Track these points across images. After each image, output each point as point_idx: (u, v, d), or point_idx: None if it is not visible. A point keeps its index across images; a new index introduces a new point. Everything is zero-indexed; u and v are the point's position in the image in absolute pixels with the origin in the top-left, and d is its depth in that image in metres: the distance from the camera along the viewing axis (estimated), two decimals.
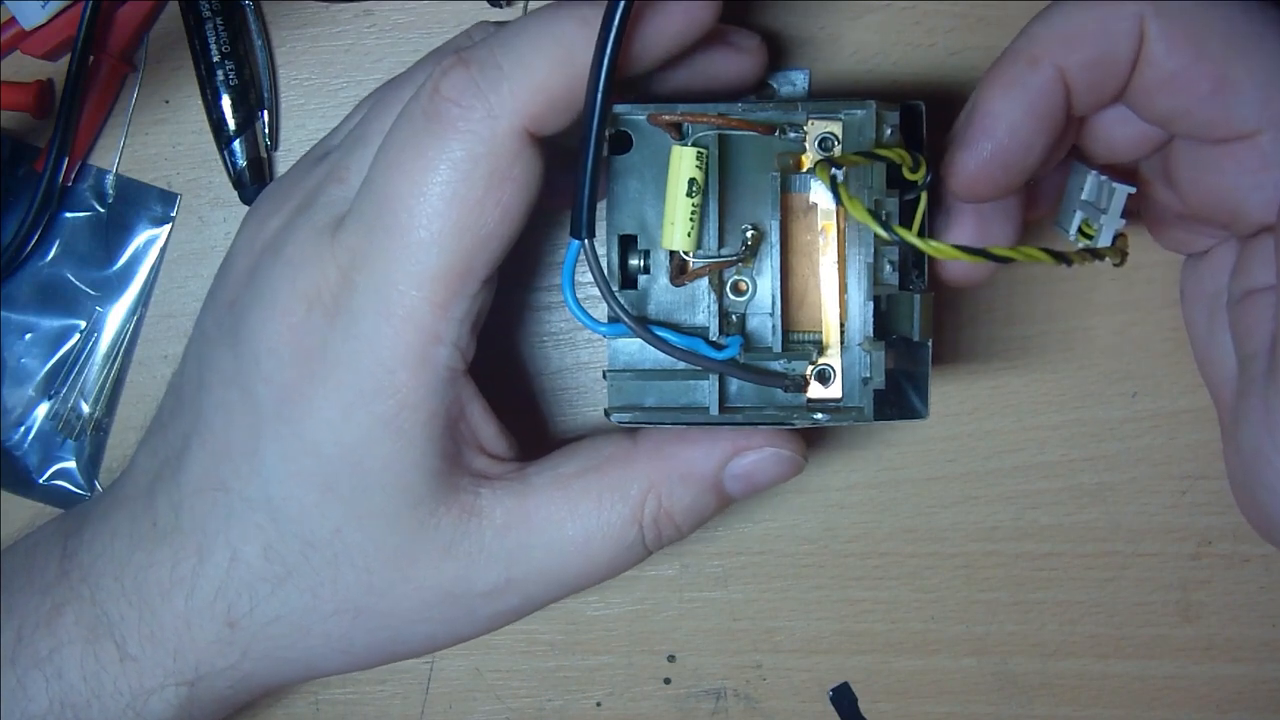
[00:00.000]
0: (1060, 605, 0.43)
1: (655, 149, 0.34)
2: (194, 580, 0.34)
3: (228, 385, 0.34)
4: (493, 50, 0.31)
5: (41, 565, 0.36)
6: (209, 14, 0.41)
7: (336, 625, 0.35)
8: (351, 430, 0.32)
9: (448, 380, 0.33)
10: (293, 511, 0.33)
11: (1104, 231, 0.34)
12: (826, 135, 0.34)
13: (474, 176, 0.31)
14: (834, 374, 0.34)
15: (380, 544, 0.34)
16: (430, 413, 0.33)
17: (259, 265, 0.34)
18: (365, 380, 0.32)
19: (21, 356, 0.43)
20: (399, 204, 0.31)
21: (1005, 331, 0.42)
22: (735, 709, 0.44)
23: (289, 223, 0.34)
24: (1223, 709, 0.43)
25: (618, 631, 0.44)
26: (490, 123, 0.31)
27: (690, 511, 0.35)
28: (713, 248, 0.34)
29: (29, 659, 0.35)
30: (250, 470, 0.33)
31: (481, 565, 0.34)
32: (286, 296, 0.33)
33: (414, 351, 0.32)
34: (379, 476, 0.33)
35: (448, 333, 0.32)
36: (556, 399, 0.43)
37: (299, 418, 0.33)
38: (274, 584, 0.34)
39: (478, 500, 0.34)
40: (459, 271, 0.32)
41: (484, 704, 0.44)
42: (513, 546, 0.34)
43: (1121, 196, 0.33)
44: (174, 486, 0.35)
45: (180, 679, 0.35)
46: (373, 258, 0.32)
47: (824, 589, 0.44)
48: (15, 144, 0.42)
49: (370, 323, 0.32)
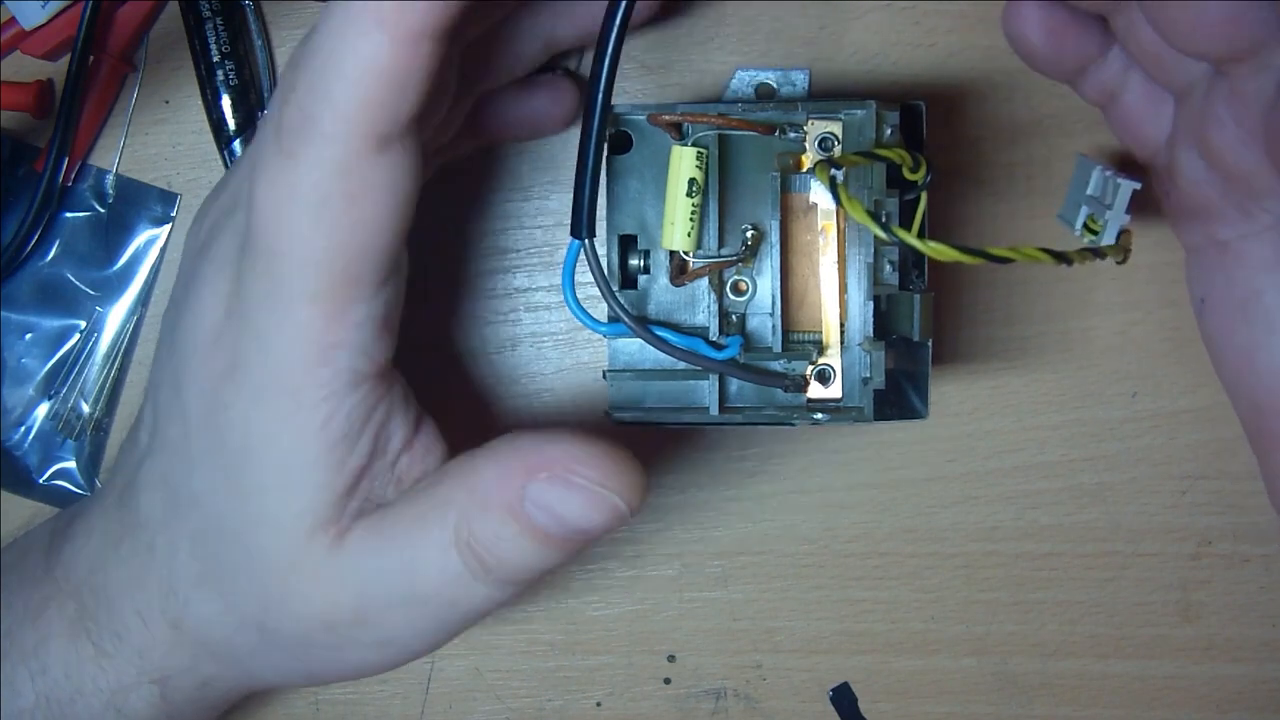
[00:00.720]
0: (1060, 605, 0.43)
1: (655, 149, 0.34)
2: (143, 577, 0.34)
3: (168, 385, 0.34)
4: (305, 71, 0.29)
5: (32, 561, 0.37)
6: (209, 14, 0.41)
7: (247, 639, 0.34)
8: (256, 426, 0.32)
9: (351, 382, 0.31)
10: (210, 508, 0.33)
11: (1109, 227, 0.34)
12: (826, 135, 0.34)
13: (330, 199, 0.30)
14: (834, 374, 0.34)
15: (271, 554, 0.32)
16: (328, 413, 0.31)
17: (195, 267, 0.34)
18: (268, 378, 0.31)
19: (21, 356, 0.43)
20: (270, 234, 0.30)
21: (1005, 331, 0.42)
22: (735, 709, 0.44)
23: (217, 224, 0.34)
24: (1223, 709, 0.43)
25: (618, 631, 0.44)
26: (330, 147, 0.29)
27: (499, 545, 0.31)
28: (713, 248, 0.34)
29: (16, 654, 0.35)
30: (183, 467, 0.33)
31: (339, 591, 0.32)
32: (208, 298, 0.32)
33: (311, 354, 0.31)
34: (275, 477, 0.32)
35: (345, 338, 0.31)
36: (556, 399, 0.43)
37: (216, 415, 0.32)
38: (195, 584, 0.33)
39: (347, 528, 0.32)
40: (344, 283, 0.30)
41: (484, 704, 0.44)
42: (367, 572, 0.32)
43: (1127, 192, 0.33)
44: (134, 485, 0.35)
45: (150, 677, 0.35)
46: (261, 277, 0.31)
47: (824, 589, 0.44)
48: (15, 144, 0.42)
49: (270, 325, 0.31)
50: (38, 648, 0.35)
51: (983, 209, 0.41)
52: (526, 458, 0.30)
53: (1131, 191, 0.33)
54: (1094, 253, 0.31)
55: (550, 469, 0.30)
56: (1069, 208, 0.36)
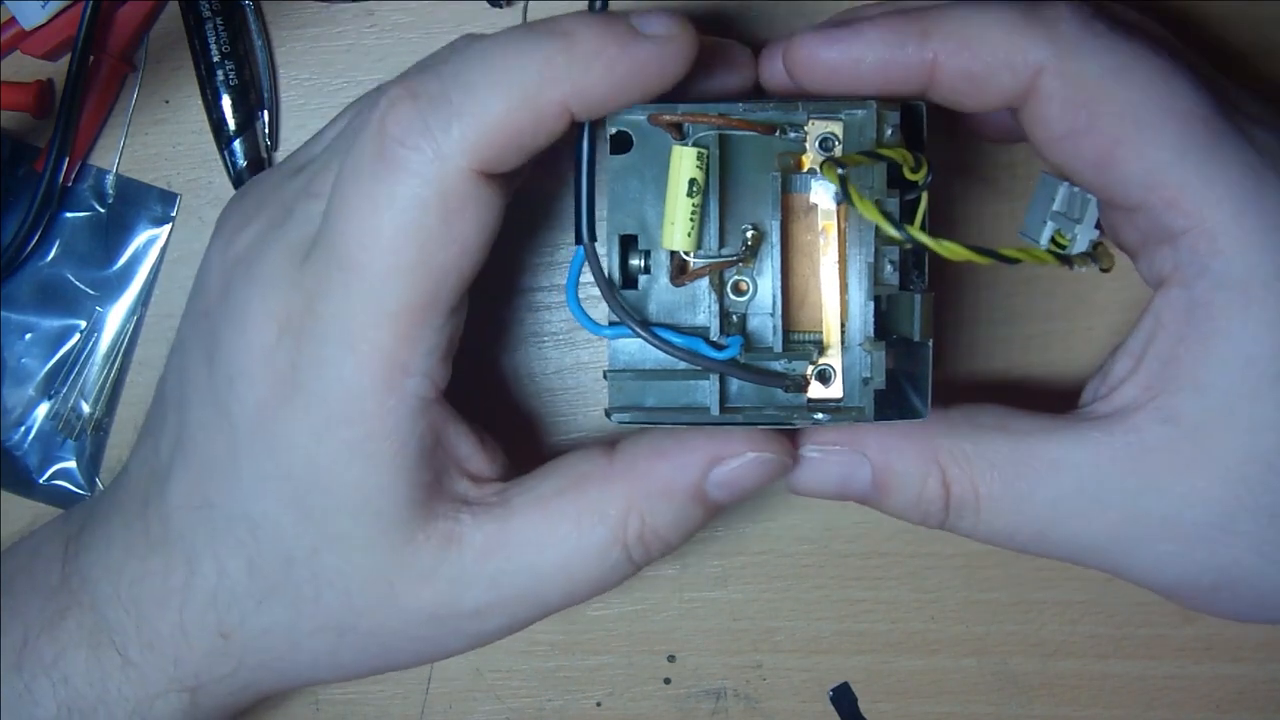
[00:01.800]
0: (1060, 605, 0.43)
1: (656, 149, 0.34)
2: (186, 592, 0.34)
3: (205, 403, 0.34)
4: (444, 83, 0.30)
5: (44, 569, 0.36)
6: (209, 14, 0.41)
7: (323, 642, 0.34)
8: (322, 455, 0.32)
9: (418, 409, 0.32)
10: (271, 530, 0.33)
11: (1079, 241, 0.34)
12: (827, 135, 0.34)
13: (425, 219, 0.30)
14: (834, 374, 0.34)
15: (357, 567, 0.33)
16: (401, 441, 0.32)
17: (232, 279, 0.33)
18: (334, 407, 0.32)
19: (21, 356, 0.43)
20: (354, 243, 0.31)
21: (1005, 331, 0.42)
22: (735, 709, 0.44)
23: (262, 238, 0.33)
24: (1223, 709, 0.43)
25: (618, 631, 0.44)
26: (438, 165, 0.30)
27: (676, 526, 0.34)
28: (713, 248, 0.34)
29: (35, 664, 0.35)
30: (230, 487, 0.33)
31: (464, 589, 0.34)
32: (258, 317, 0.32)
33: (381, 381, 0.31)
34: (350, 501, 0.32)
35: (415, 364, 0.32)
36: (556, 399, 0.43)
37: (272, 439, 0.32)
38: (259, 599, 0.34)
39: (457, 526, 0.33)
40: (421, 306, 0.31)
41: (484, 704, 0.44)
42: (494, 571, 0.34)
43: (1094, 206, 0.34)
44: (162, 499, 0.35)
45: (181, 685, 0.35)
46: (335, 292, 0.31)
47: (824, 589, 0.44)
48: (15, 144, 0.42)
49: (336, 351, 0.31)
50: (58, 659, 0.35)
51: (983, 209, 0.41)
52: (709, 448, 0.34)
53: (1098, 205, 0.34)
54: (1092, 259, 0.32)
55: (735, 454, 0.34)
56: (1033, 225, 0.37)
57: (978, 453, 0.34)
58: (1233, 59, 0.41)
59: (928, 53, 0.32)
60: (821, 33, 0.33)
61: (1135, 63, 0.31)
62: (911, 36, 0.32)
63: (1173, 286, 0.33)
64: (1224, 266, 0.31)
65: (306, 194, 0.33)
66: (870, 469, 0.35)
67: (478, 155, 0.30)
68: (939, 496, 0.34)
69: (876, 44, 0.32)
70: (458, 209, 0.30)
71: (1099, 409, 0.34)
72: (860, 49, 0.32)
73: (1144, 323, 0.34)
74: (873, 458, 0.35)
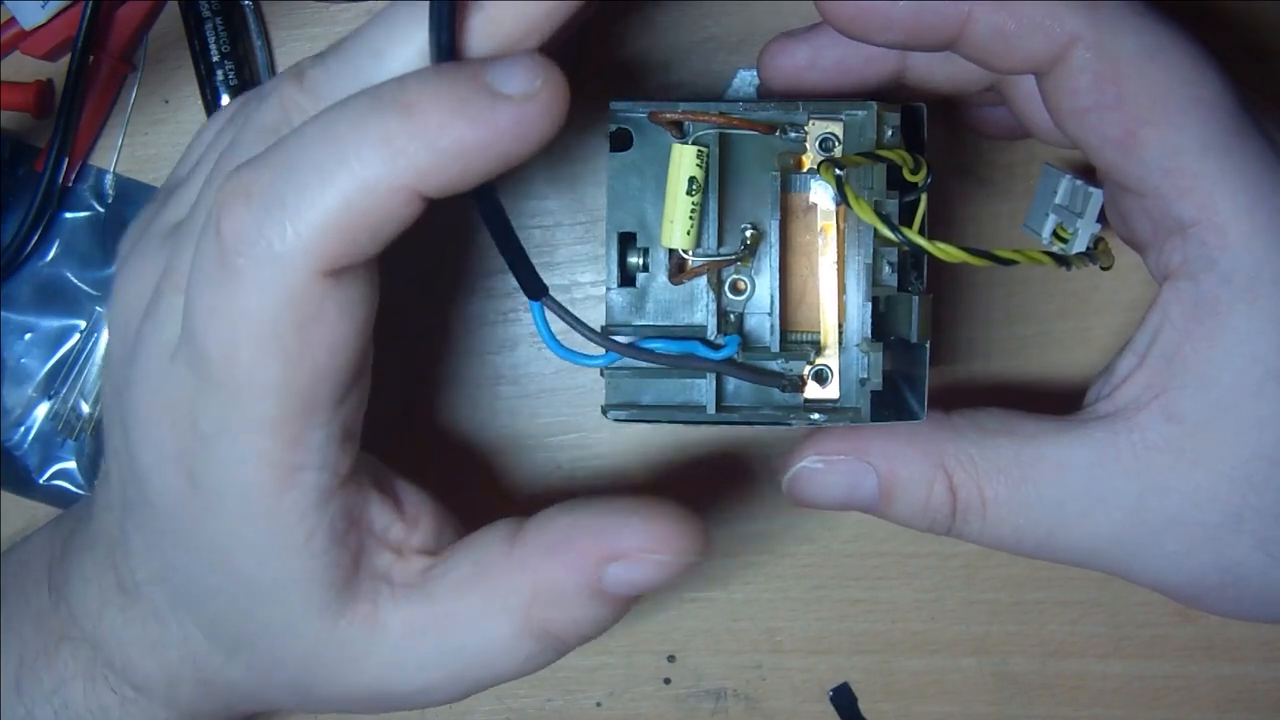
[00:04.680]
0: (1060, 605, 0.43)
1: (655, 147, 0.34)
2: (164, 646, 0.34)
3: (132, 483, 0.33)
4: (274, 177, 0.27)
5: (32, 589, 0.37)
6: (209, 14, 0.41)
7: (291, 696, 0.35)
8: (237, 549, 0.31)
9: (321, 500, 0.31)
10: (213, 609, 0.33)
11: (1080, 235, 0.34)
12: (827, 135, 0.34)
13: (279, 330, 0.28)
14: (831, 374, 0.34)
15: (294, 651, 0.33)
16: (307, 531, 0.31)
17: (126, 365, 0.32)
18: (236, 507, 0.31)
19: (21, 356, 0.43)
20: (213, 358, 0.29)
21: (1005, 331, 0.42)
22: (735, 709, 0.44)
23: (139, 330, 0.31)
24: (1223, 709, 0.43)
25: (618, 631, 0.44)
26: (280, 274, 0.27)
27: (580, 623, 0.32)
28: (712, 246, 0.34)
29: (34, 690, 0.35)
30: (179, 563, 0.33)
31: (395, 672, 0.33)
32: (152, 416, 0.31)
33: (275, 483, 0.30)
34: (273, 592, 0.32)
35: (307, 460, 0.30)
36: (556, 399, 0.43)
37: (193, 530, 0.32)
38: (224, 658, 0.34)
39: (376, 609, 0.32)
40: (297, 413, 0.29)
41: (484, 704, 0.44)
42: (424, 653, 0.32)
43: (1097, 200, 0.34)
44: (126, 554, 0.34)
45: (180, 715, 0.35)
46: (209, 403, 0.29)
47: (824, 589, 0.44)
48: (15, 144, 0.42)
49: (225, 457, 0.30)
50: (58, 687, 0.35)
51: (983, 209, 0.41)
52: (598, 547, 0.31)
53: (1102, 199, 0.33)
54: (1089, 258, 0.32)
55: (625, 555, 0.31)
56: (1035, 217, 0.36)
57: (983, 457, 0.33)
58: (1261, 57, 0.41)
59: (964, 7, 0.31)
60: None
61: (1170, 46, 0.31)
62: None
63: (1180, 279, 0.32)
64: (1232, 261, 0.31)
65: (169, 285, 0.31)
66: (876, 478, 0.34)
67: (320, 257, 0.27)
68: (946, 503, 0.34)
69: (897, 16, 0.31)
70: (313, 315, 0.28)
71: (1102, 408, 0.34)
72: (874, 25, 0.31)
73: (1150, 318, 0.33)
74: (878, 466, 0.34)
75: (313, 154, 0.27)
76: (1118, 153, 0.31)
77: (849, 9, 0.31)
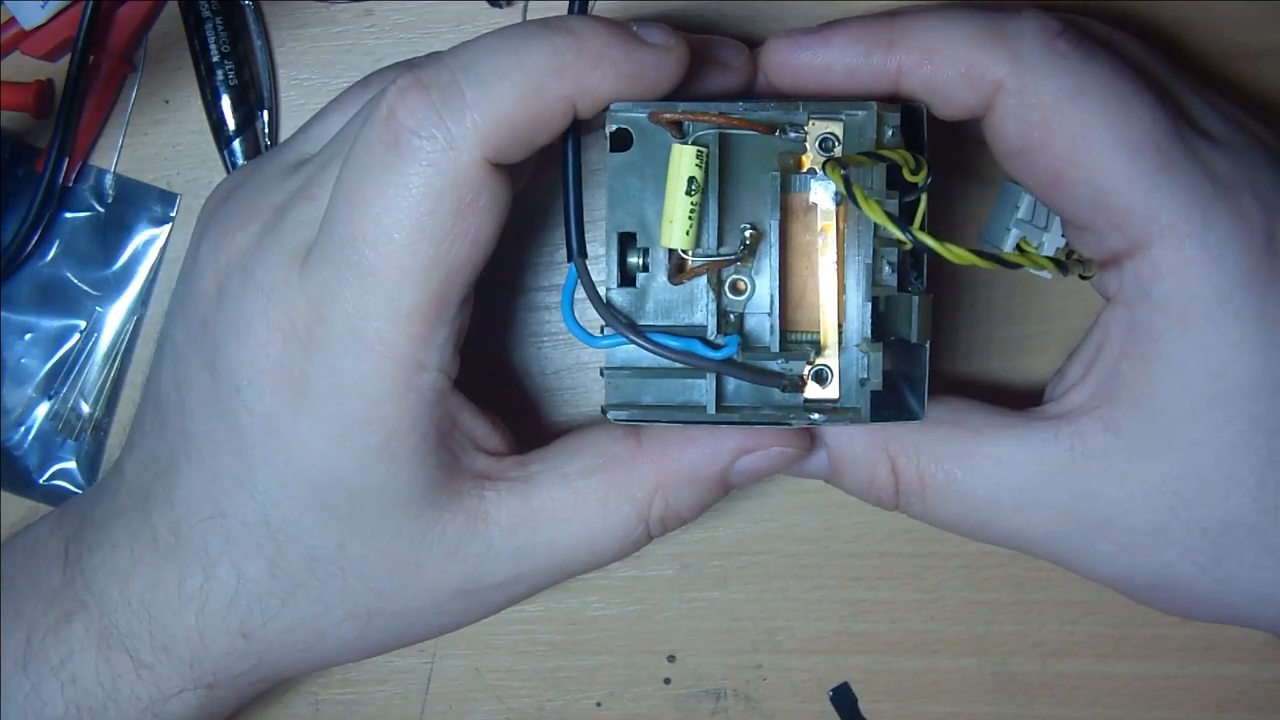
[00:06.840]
0: (1060, 605, 0.43)
1: (655, 147, 0.34)
2: (203, 597, 0.34)
3: (209, 414, 0.33)
4: (454, 73, 0.30)
5: (44, 569, 0.36)
6: (209, 14, 0.41)
7: (350, 629, 0.35)
8: (343, 459, 0.32)
9: (434, 401, 0.32)
10: (292, 532, 0.33)
11: (1045, 248, 0.35)
12: (827, 135, 0.34)
13: (438, 211, 0.30)
14: (831, 374, 0.34)
15: (385, 553, 0.34)
16: (421, 435, 0.32)
17: (227, 286, 0.33)
18: (351, 413, 0.32)
19: (21, 356, 0.43)
20: (363, 241, 0.30)
21: (1005, 331, 0.42)
22: (735, 709, 0.44)
23: (257, 242, 0.33)
24: (1223, 709, 0.43)
25: (618, 631, 0.44)
26: (453, 155, 0.30)
27: (697, 507, 0.36)
28: (712, 246, 0.34)
29: (41, 665, 0.35)
30: (245, 495, 0.33)
31: (490, 564, 0.34)
32: (261, 327, 0.32)
33: (398, 383, 0.32)
34: (376, 497, 0.33)
35: (430, 359, 0.32)
36: (556, 399, 0.43)
37: (287, 448, 0.32)
38: (283, 598, 0.34)
39: (482, 503, 0.34)
40: (435, 304, 0.31)
41: (484, 704, 0.44)
42: (520, 545, 0.34)
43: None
44: (169, 506, 0.34)
45: (199, 683, 0.35)
46: (343, 295, 0.31)
47: (824, 589, 0.44)
48: (15, 144, 0.42)
49: (349, 358, 0.31)
50: (65, 661, 0.35)
51: (981, 210, 0.41)
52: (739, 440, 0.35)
53: None
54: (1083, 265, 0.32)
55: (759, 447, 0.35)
56: (994, 232, 0.38)
57: (925, 444, 0.35)
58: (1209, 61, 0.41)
59: (892, 62, 0.33)
60: (793, 38, 0.34)
61: (1093, 86, 0.32)
62: (878, 46, 0.33)
63: (1117, 305, 0.34)
64: (1165, 292, 0.32)
65: (302, 196, 0.33)
66: (825, 453, 0.36)
67: (490, 145, 0.30)
68: (889, 483, 0.36)
69: (844, 51, 0.33)
70: (472, 200, 0.30)
71: (1050, 410, 0.36)
72: (829, 55, 0.33)
73: (1093, 334, 0.35)
74: (829, 443, 0.36)
75: (494, 58, 0.30)
76: (1049, 192, 0.33)
77: (789, 74, 0.34)
